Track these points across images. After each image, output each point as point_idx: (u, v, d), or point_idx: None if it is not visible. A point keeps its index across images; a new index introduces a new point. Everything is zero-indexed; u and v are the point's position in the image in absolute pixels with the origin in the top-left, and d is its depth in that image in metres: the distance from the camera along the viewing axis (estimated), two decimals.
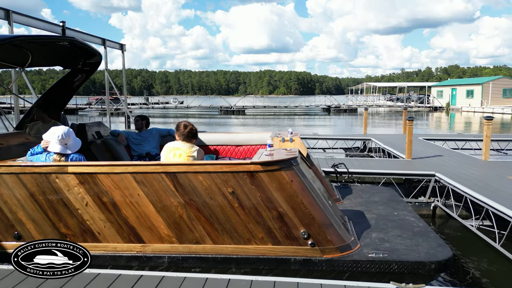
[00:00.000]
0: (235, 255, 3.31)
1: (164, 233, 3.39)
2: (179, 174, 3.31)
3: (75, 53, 5.34)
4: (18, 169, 3.45)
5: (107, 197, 3.39)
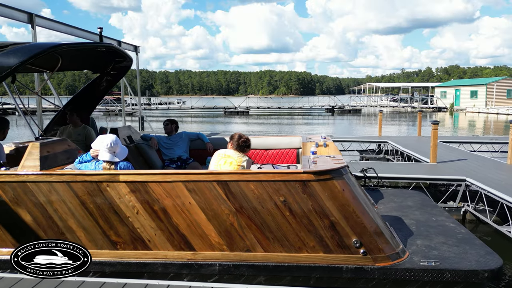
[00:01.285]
0: (286, 263, 3.34)
1: (215, 241, 3.42)
2: (230, 182, 3.34)
3: (106, 57, 5.38)
4: (69, 178, 3.48)
5: (158, 205, 3.42)
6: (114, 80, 5.93)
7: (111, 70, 5.71)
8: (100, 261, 3.53)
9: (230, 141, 3.99)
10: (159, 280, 3.33)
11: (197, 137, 5.89)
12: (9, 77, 3.69)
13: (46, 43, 3.80)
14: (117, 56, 5.40)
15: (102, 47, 4.62)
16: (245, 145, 3.92)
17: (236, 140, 3.93)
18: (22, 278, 3.18)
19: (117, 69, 5.69)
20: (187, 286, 3.23)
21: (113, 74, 5.83)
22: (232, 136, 4.00)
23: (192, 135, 5.88)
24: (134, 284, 3.28)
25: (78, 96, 6.13)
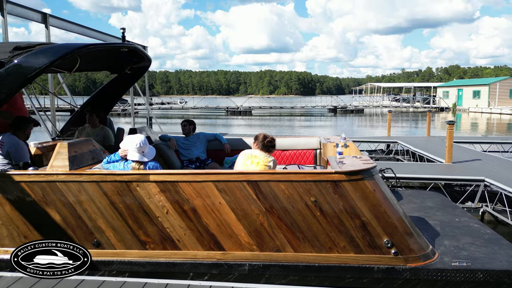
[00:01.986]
0: (317, 263, 3.35)
1: (244, 241, 3.43)
2: (261, 182, 3.35)
3: (124, 58, 5.38)
4: (99, 177, 3.48)
5: (188, 205, 3.43)
6: (131, 80, 5.94)
7: (129, 70, 5.71)
8: (129, 261, 3.54)
9: (255, 141, 4.00)
10: (179, 280, 3.32)
11: (214, 137, 5.89)
12: (38, 77, 3.69)
13: (73, 44, 3.81)
14: (136, 57, 5.39)
15: (125, 47, 4.62)
16: (270, 145, 3.92)
17: (261, 140, 3.93)
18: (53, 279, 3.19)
19: (135, 69, 5.70)
20: (207, 286, 3.22)
21: (130, 75, 5.83)
22: (257, 137, 4.01)
23: (210, 136, 5.89)
24: (154, 284, 3.27)
25: (95, 96, 6.14)
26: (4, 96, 3.54)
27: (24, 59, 3.52)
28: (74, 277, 3.32)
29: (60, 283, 3.07)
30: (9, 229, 3.59)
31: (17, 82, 3.53)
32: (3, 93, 3.51)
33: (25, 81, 3.55)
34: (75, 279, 3.21)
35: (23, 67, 3.50)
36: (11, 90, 3.54)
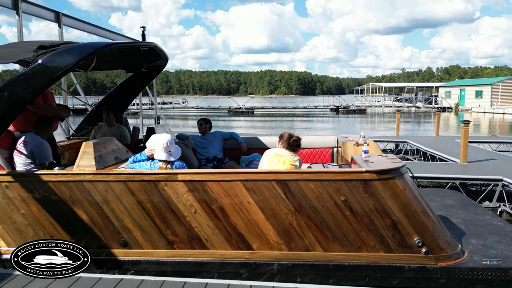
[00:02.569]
0: (346, 262, 3.34)
1: (273, 240, 3.41)
2: (290, 181, 3.33)
3: (140, 57, 5.36)
4: (126, 177, 3.47)
5: (216, 204, 3.42)
6: (147, 79, 5.92)
7: (144, 69, 5.70)
8: (156, 261, 3.54)
9: (280, 140, 3.98)
10: (219, 280, 3.33)
11: (231, 136, 5.88)
12: (64, 76, 3.67)
13: (97, 43, 3.80)
14: (152, 55, 5.37)
15: (145, 46, 4.61)
16: (296, 144, 3.90)
17: (286, 139, 3.91)
18: (100, 278, 3.18)
19: (150, 68, 5.69)
20: (247, 286, 3.22)
21: (146, 74, 5.82)
22: (282, 135, 3.99)
23: (226, 135, 5.87)
24: (193, 283, 3.28)
25: (110, 95, 6.13)
26: (30, 95, 3.52)
27: (49, 59, 3.50)
28: (111, 276, 3.31)
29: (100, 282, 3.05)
30: (35, 229, 3.58)
31: (43, 82, 3.52)
32: (29, 92, 3.50)
33: (50, 80, 3.54)
34: (112, 278, 3.20)
35: (48, 66, 3.49)
36: (37, 89, 3.53)
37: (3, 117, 3.50)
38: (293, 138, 3.89)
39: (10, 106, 3.48)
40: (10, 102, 3.46)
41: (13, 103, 3.48)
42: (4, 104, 3.46)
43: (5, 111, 3.49)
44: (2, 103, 3.45)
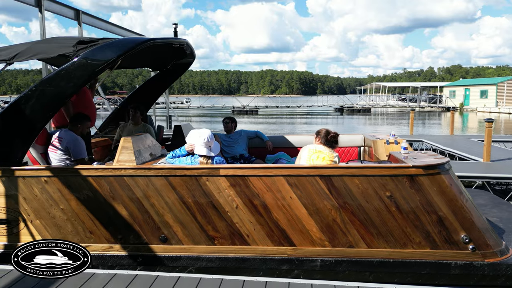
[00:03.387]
0: (391, 259, 3.31)
1: (316, 236, 3.39)
2: (334, 177, 3.31)
3: (167, 54, 5.33)
4: (167, 172, 3.44)
5: (258, 199, 3.39)
6: (173, 77, 5.90)
7: (172, 67, 5.68)
8: (197, 257, 3.51)
9: (317, 136, 3.96)
10: (257, 277, 3.29)
11: (256, 135, 5.84)
12: (104, 71, 3.65)
13: (136, 38, 3.78)
14: (179, 53, 5.34)
15: (179, 42, 4.58)
16: (334, 140, 3.88)
17: (323, 135, 3.89)
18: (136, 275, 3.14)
19: (178, 66, 5.66)
20: (285, 283, 3.17)
21: (172, 71, 5.80)
22: (319, 132, 3.96)
23: (251, 133, 5.83)
24: (231, 280, 3.23)
25: (135, 93, 6.11)
26: (71, 90, 3.50)
27: (91, 53, 3.48)
28: (147, 272, 3.28)
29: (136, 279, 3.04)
30: (74, 225, 3.56)
31: (84, 76, 3.50)
32: (69, 87, 3.48)
33: (92, 75, 3.52)
34: (149, 275, 3.17)
35: (90, 61, 3.47)
36: (78, 84, 3.50)
37: (45, 111, 3.47)
38: (330, 134, 3.86)
39: (52, 100, 3.46)
40: (52, 96, 3.44)
41: (54, 97, 3.46)
42: (47, 98, 3.44)
43: (47, 105, 3.47)
44: (45, 97, 3.43)
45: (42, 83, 3.45)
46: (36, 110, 3.47)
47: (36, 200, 3.53)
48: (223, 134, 5.76)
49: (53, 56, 3.65)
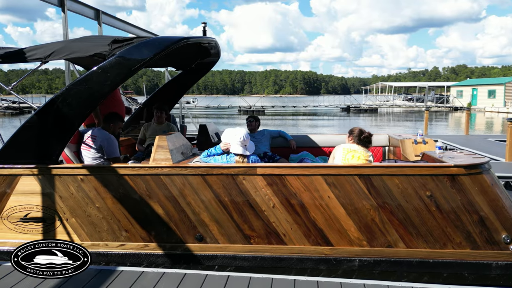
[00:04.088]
0: (431, 259, 3.28)
1: (354, 236, 3.37)
2: (373, 176, 3.28)
3: (192, 54, 5.32)
4: (204, 170, 3.44)
5: (295, 199, 3.38)
6: (196, 77, 5.89)
7: (196, 66, 5.67)
8: (233, 256, 3.50)
9: (350, 135, 3.94)
10: (308, 277, 3.24)
11: (279, 134, 5.80)
12: (141, 69, 3.65)
13: (171, 37, 3.76)
14: (205, 52, 5.32)
15: (209, 42, 4.57)
16: (367, 140, 3.86)
17: (357, 134, 3.87)
18: (164, 273, 3.11)
19: (203, 65, 5.65)
20: (337, 283, 3.14)
21: (196, 71, 5.79)
22: (352, 131, 3.95)
23: (274, 133, 5.80)
24: (258, 278, 3.19)
25: (158, 93, 6.11)
26: (108, 88, 3.50)
27: (127, 52, 3.48)
28: (176, 270, 3.26)
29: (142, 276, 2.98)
30: (110, 223, 3.56)
31: (121, 75, 3.50)
32: (106, 85, 3.48)
33: (128, 73, 3.51)
34: (177, 273, 3.14)
35: (126, 59, 3.47)
36: (114, 82, 3.50)
37: (82, 109, 3.48)
38: (364, 135, 3.84)
39: (88, 99, 3.46)
40: (89, 95, 3.44)
41: (91, 96, 3.46)
42: (84, 97, 3.44)
43: (84, 104, 3.47)
44: (82, 95, 3.44)
45: (79, 82, 3.45)
46: (73, 109, 3.47)
47: (72, 199, 3.54)
48: (246, 133, 5.71)
49: (88, 54, 3.66)
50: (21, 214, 3.58)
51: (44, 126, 3.53)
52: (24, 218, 3.58)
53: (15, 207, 3.57)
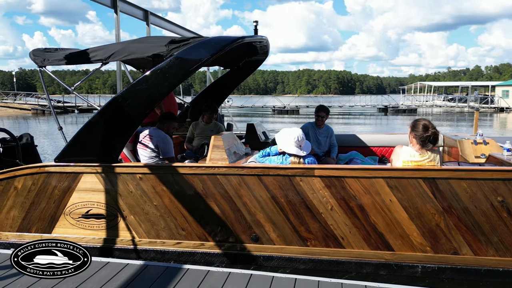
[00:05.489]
0: (501, 268, 3.10)
1: (416, 242, 3.23)
2: (439, 180, 3.13)
3: (240, 52, 5.31)
4: (260, 171, 3.41)
5: (354, 201, 3.28)
6: (243, 75, 5.90)
7: (243, 65, 5.67)
8: (289, 257, 3.45)
9: (411, 132, 3.62)
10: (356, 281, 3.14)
11: (334, 144, 5.51)
12: (198, 69, 3.68)
13: (227, 37, 3.77)
14: (253, 51, 5.31)
15: (259, 40, 4.56)
16: (433, 139, 3.55)
17: (420, 133, 3.50)
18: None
19: (250, 64, 5.65)
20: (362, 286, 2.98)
21: (243, 69, 5.80)
22: (415, 125, 3.40)
23: (333, 139, 5.51)
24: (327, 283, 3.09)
25: (205, 92, 6.17)
26: (166, 89, 3.55)
27: (184, 52, 3.51)
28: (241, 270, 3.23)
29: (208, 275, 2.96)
30: (167, 221, 3.61)
31: (179, 75, 3.53)
32: (164, 86, 3.52)
33: (186, 74, 3.54)
34: (242, 273, 3.11)
35: (184, 60, 3.49)
36: (172, 83, 3.55)
37: (141, 109, 3.55)
38: (427, 133, 3.52)
39: (147, 99, 3.52)
40: (148, 95, 3.51)
41: (150, 96, 3.52)
42: (143, 97, 3.51)
43: (143, 104, 3.53)
44: (141, 95, 3.50)
45: (138, 83, 3.52)
46: (133, 108, 3.54)
47: (131, 196, 3.62)
48: (313, 125, 5.47)
49: (147, 55, 3.72)
50: (82, 210, 3.70)
51: (106, 126, 3.63)
52: (85, 214, 3.71)
53: (77, 203, 3.70)
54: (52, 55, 4.09)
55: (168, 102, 4.68)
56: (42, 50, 4.21)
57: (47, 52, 4.16)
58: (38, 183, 3.71)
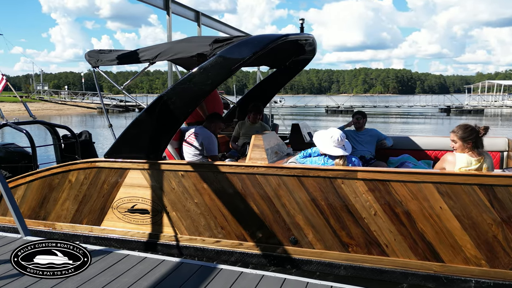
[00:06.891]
0: None
1: (470, 254, 2.96)
2: (497, 187, 2.84)
3: (287, 51, 5.22)
4: (300, 172, 3.32)
5: (400, 207, 3.08)
6: (291, 75, 5.81)
7: (290, 64, 5.59)
8: (329, 263, 3.33)
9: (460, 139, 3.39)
10: None
11: (384, 138, 5.26)
12: (240, 68, 3.67)
13: (270, 35, 3.72)
14: (300, 49, 5.20)
15: (304, 38, 4.45)
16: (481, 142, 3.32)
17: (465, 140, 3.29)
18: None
19: (296, 63, 5.55)
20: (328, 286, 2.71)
21: (290, 69, 5.71)
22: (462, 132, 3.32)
23: (382, 136, 5.28)
24: None
25: (252, 92, 6.17)
26: (209, 87, 3.58)
27: (227, 51, 3.52)
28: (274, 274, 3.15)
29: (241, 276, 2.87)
30: (207, 219, 3.64)
31: (221, 74, 3.55)
32: (207, 84, 3.56)
33: (229, 72, 3.55)
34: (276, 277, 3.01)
35: (227, 58, 3.50)
36: (215, 81, 3.57)
37: (185, 107, 3.62)
38: (478, 131, 3.27)
39: (191, 97, 3.58)
40: (191, 94, 3.56)
41: (194, 94, 3.57)
42: (187, 95, 3.57)
43: (187, 102, 3.60)
44: (185, 94, 3.57)
45: (182, 82, 3.59)
46: (177, 107, 3.62)
47: (173, 193, 3.70)
48: (352, 131, 5.32)
49: (192, 54, 3.79)
50: (128, 205, 3.85)
51: (151, 123, 3.74)
52: (131, 209, 3.85)
53: (123, 198, 3.86)
54: (105, 56, 4.31)
55: (213, 101, 4.73)
56: (97, 52, 4.44)
57: (101, 54, 4.39)
58: (90, 177, 3.93)
